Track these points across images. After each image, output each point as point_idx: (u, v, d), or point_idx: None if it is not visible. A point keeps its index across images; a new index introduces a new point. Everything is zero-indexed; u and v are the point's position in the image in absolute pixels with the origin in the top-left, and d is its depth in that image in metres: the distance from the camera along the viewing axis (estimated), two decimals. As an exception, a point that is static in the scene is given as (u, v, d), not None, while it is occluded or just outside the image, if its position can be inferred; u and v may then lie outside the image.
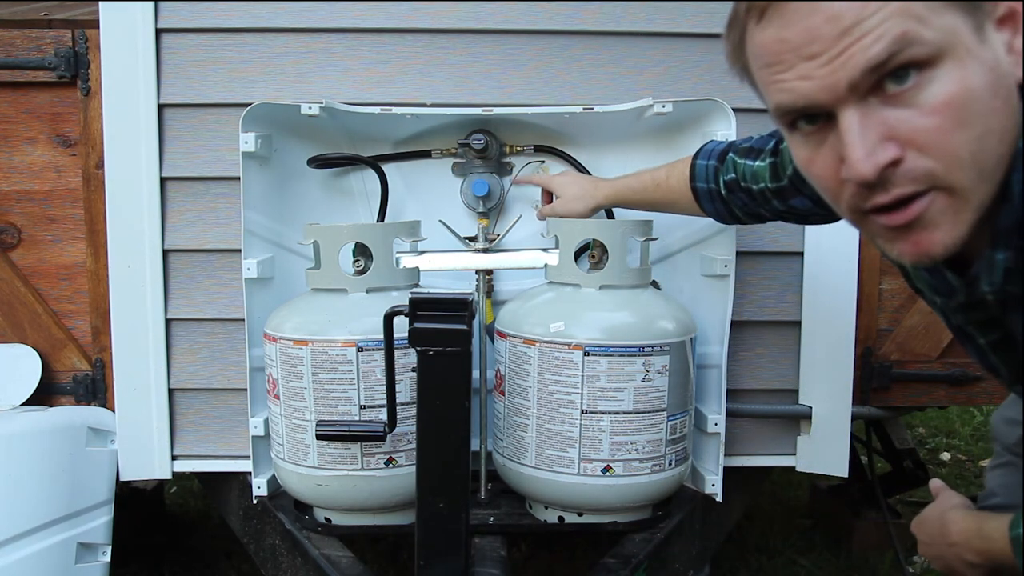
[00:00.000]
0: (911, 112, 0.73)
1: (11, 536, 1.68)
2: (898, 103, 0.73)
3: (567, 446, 1.58)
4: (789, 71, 0.75)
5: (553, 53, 1.83)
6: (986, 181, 0.75)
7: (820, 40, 0.73)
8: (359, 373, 1.58)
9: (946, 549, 1.12)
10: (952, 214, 0.75)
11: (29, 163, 1.94)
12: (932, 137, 0.72)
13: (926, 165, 0.73)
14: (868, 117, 0.73)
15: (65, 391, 1.96)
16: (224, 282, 1.85)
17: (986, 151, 0.74)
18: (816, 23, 0.72)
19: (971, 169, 0.74)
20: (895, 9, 0.71)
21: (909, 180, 0.74)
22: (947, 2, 0.72)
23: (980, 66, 0.73)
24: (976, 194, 0.75)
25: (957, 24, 0.72)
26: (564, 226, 1.69)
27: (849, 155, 0.74)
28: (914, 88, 0.72)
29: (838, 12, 0.71)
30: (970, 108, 0.72)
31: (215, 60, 1.82)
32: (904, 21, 0.71)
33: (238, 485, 1.93)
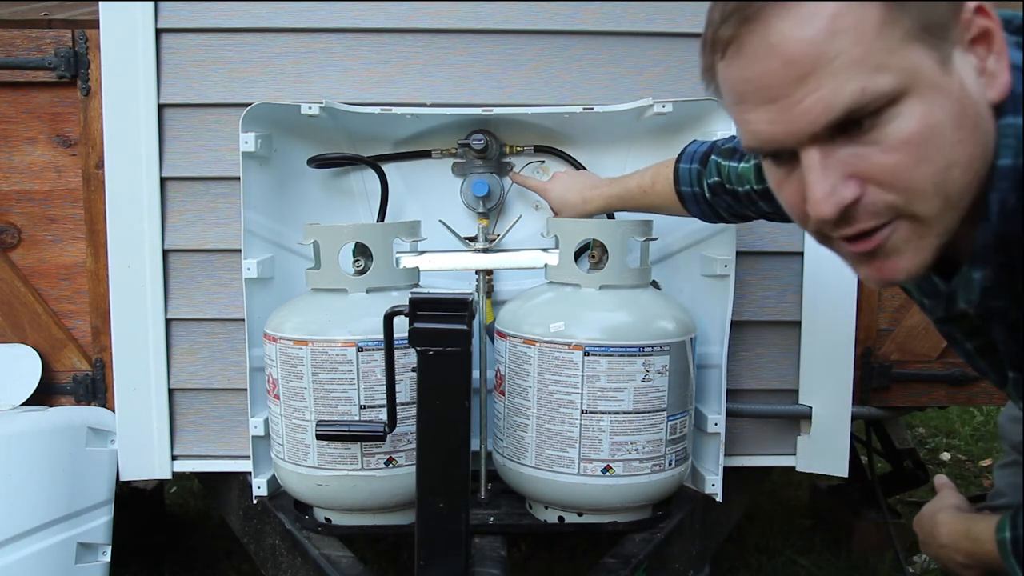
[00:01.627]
0: (872, 149, 0.72)
1: (11, 536, 1.68)
2: (859, 141, 0.73)
3: (567, 446, 1.58)
4: (753, 112, 0.76)
5: (553, 53, 1.83)
6: (952, 208, 0.75)
7: (778, 86, 0.72)
8: (359, 373, 1.58)
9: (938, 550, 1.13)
10: (916, 240, 0.76)
11: (29, 163, 1.94)
12: (893, 174, 0.73)
13: (887, 199, 0.74)
14: (829, 156, 0.74)
15: (65, 391, 1.96)
16: (224, 282, 1.85)
17: (950, 181, 0.73)
18: (773, 67, 0.72)
19: (934, 199, 0.74)
20: (853, 60, 0.70)
21: (871, 215, 0.75)
22: (910, 40, 0.71)
23: (944, 99, 0.72)
24: (941, 220, 0.75)
25: (920, 60, 0.71)
26: (564, 226, 1.69)
27: (810, 195, 0.75)
28: (876, 125, 0.72)
29: (794, 57, 0.70)
30: (932, 143, 0.72)
31: (215, 60, 1.82)
32: (860, 75, 0.70)
33: (238, 485, 1.93)
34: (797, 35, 0.70)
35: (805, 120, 0.72)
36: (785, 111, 0.73)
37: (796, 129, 0.73)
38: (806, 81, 0.71)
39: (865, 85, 0.70)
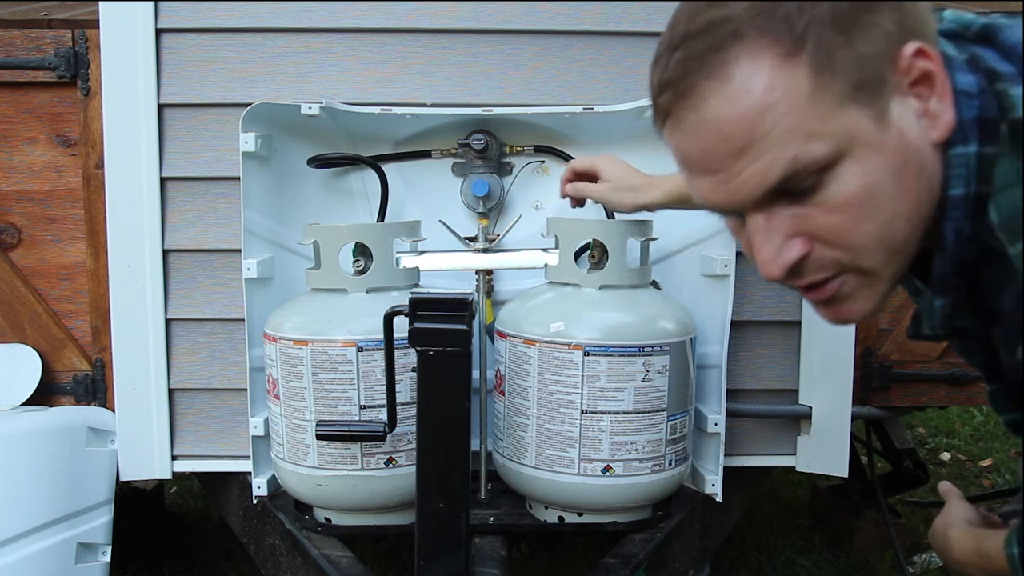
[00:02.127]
0: (815, 210, 0.74)
1: (11, 536, 1.68)
2: (802, 202, 0.75)
3: (567, 446, 1.58)
4: (698, 180, 0.78)
5: (553, 53, 1.83)
6: (897, 256, 0.77)
7: (716, 159, 0.74)
8: (359, 373, 1.58)
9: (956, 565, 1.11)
10: (866, 289, 0.78)
11: (29, 163, 1.94)
12: (836, 233, 0.75)
13: (833, 256, 0.76)
14: (772, 220, 0.76)
15: (65, 391, 1.96)
16: (224, 282, 1.85)
17: (893, 234, 0.75)
18: (710, 143, 0.74)
19: (878, 253, 0.76)
20: (786, 130, 0.71)
21: (818, 269, 0.77)
22: (843, 103, 0.71)
23: (883, 155, 0.73)
24: (888, 269, 0.78)
25: (855, 121, 0.72)
26: (564, 226, 1.69)
27: (757, 257, 0.77)
28: (817, 188, 0.73)
29: (728, 134, 0.72)
30: (873, 202, 0.73)
31: (215, 60, 1.82)
32: (795, 144, 0.71)
33: (238, 485, 1.93)
34: (730, 112, 0.72)
35: (744, 191, 0.75)
36: (725, 183, 0.75)
37: (737, 199, 0.76)
38: (742, 155, 0.73)
39: (797, 154, 0.71)
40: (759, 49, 0.70)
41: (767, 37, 0.70)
